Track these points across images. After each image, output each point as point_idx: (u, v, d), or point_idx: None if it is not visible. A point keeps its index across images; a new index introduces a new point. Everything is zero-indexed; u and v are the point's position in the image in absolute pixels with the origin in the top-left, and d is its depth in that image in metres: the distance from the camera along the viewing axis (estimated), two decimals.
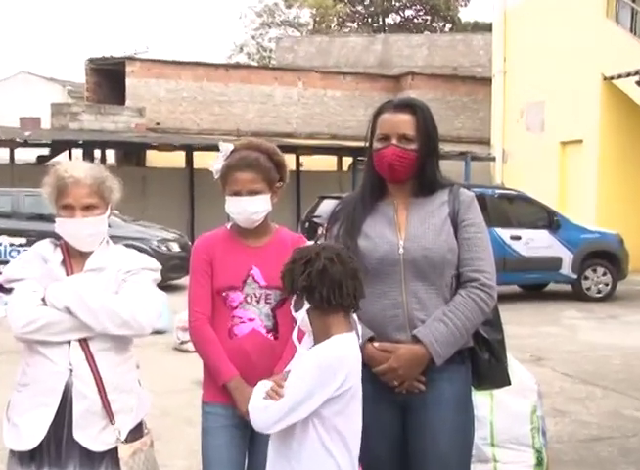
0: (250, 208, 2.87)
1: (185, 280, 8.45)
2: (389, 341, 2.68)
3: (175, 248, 13.71)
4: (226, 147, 2.98)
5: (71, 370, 2.68)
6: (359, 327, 2.49)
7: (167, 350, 8.70)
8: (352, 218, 2.83)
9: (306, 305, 2.43)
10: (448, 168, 3.61)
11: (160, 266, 2.95)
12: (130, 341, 2.86)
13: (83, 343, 2.70)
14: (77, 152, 20.83)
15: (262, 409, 2.39)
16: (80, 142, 18.80)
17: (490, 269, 2.74)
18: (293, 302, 2.48)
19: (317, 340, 2.44)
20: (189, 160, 20.70)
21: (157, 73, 22.85)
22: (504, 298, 11.77)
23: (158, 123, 22.81)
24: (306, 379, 2.35)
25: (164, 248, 13.52)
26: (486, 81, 23.71)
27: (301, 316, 2.44)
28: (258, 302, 2.91)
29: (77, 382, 2.67)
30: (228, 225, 3.05)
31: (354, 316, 2.49)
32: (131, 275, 2.81)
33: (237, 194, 2.88)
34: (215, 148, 3.14)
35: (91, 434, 2.69)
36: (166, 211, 19.37)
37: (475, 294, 2.69)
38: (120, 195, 2.89)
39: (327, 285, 2.38)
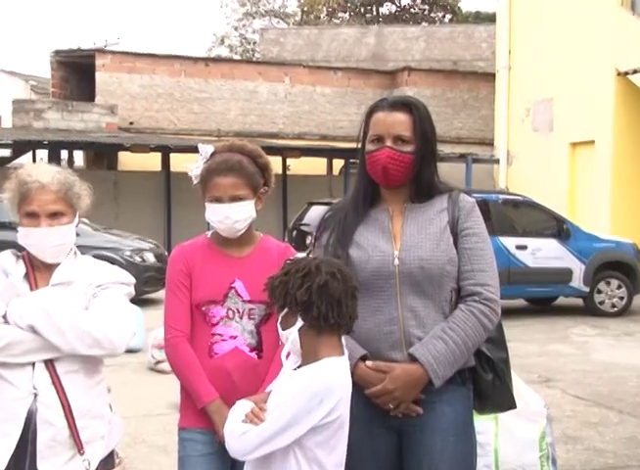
0: (232, 215, 2.88)
1: (161, 294, 8.43)
2: (384, 360, 2.69)
3: (150, 258, 13.69)
4: (206, 149, 2.99)
5: (36, 395, 2.65)
6: (345, 350, 2.50)
7: (141, 370, 8.68)
8: (343, 227, 2.84)
9: (299, 323, 2.43)
10: (447, 172, 3.62)
11: (133, 280, 2.94)
12: (101, 362, 2.85)
13: (49, 364, 2.68)
14: (42, 153, 20.77)
15: (240, 434, 2.39)
16: (45, 142, 18.74)
17: (493, 282, 2.76)
18: (281, 317, 2.48)
19: (305, 361, 2.44)
20: (165, 162, 20.67)
21: (130, 68, 22.85)
22: (509, 313, 11.82)
23: (131, 122, 22.79)
24: (291, 405, 2.34)
25: (138, 258, 13.49)
26: (489, 77, 23.80)
27: (293, 334, 2.43)
28: (241, 317, 2.91)
29: (42, 408, 2.64)
30: (208, 234, 3.06)
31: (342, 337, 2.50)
32: (102, 289, 2.79)
33: (218, 200, 2.89)
34: (194, 150, 3.14)
35: (57, 465, 2.66)
36: (140, 218, 19.33)
37: (476, 309, 2.70)
38: (90, 201, 2.88)
39: (326, 302, 2.38)
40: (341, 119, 24.63)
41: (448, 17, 42.26)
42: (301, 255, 2.67)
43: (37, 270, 2.81)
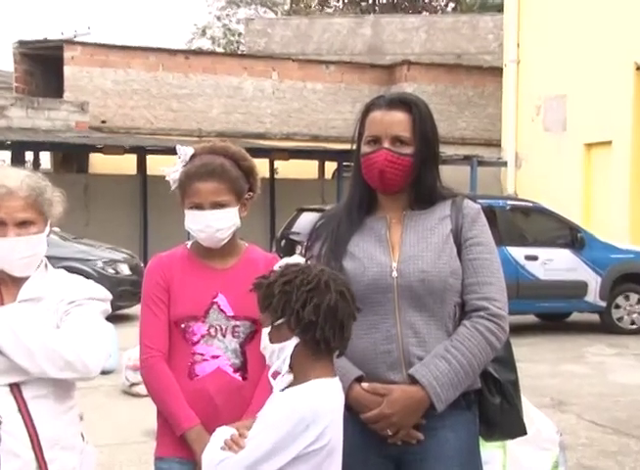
0: (214, 223, 2.89)
1: (136, 309, 8.40)
2: (381, 381, 2.69)
3: (125, 271, 13.69)
4: (185, 151, 3.00)
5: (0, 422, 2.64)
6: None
7: (114, 394, 8.65)
8: (337, 236, 2.85)
9: (294, 340, 2.41)
10: (450, 176, 3.62)
11: (109, 296, 2.93)
12: (73, 386, 2.84)
13: (15, 389, 2.67)
14: (4, 155, 20.72)
15: (218, 462, 2.39)
16: (8, 143, 18.69)
17: (500, 296, 2.77)
18: (273, 328, 2.45)
19: (294, 381, 2.44)
20: (141, 165, 20.66)
21: (102, 61, 22.84)
22: (518, 330, 11.82)
23: (103, 121, 22.78)
24: (273, 431, 2.33)
25: (111, 271, 13.49)
26: (496, 72, 23.87)
27: (287, 352, 2.42)
28: (224, 335, 2.92)
29: (7, 437, 2.63)
30: (188, 244, 3.07)
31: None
32: (75, 306, 2.78)
33: (198, 207, 2.90)
34: (172, 151, 3.15)
35: None
36: (114, 226, 19.30)
37: (482, 325, 2.71)
38: (63, 209, 2.87)
39: (331, 324, 2.37)
40: (333, 118, 24.67)
41: (451, 5, 42.38)
42: (296, 259, 2.63)
43: (3, 284, 2.80)
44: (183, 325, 2.91)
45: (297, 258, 2.60)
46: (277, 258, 3.09)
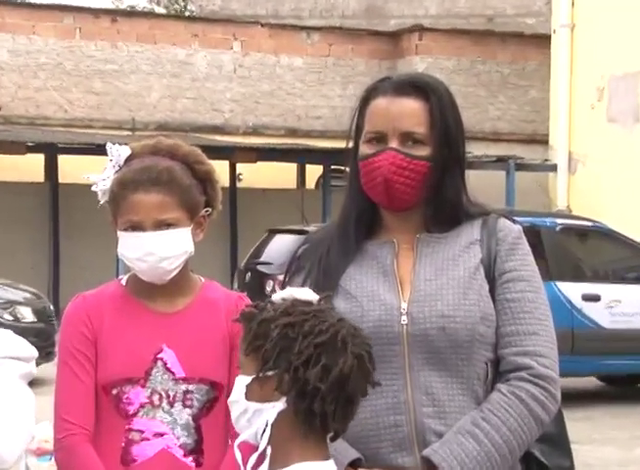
0: (158, 250, 2.91)
1: (45, 370, 8.40)
2: (386, 466, 2.71)
3: (27, 316, 13.63)
4: (119, 151, 3.01)
5: None
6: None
7: None
8: (325, 266, 2.86)
9: (281, 404, 2.35)
10: (479, 184, 3.65)
11: (35, 353, 2.92)
12: None
13: None
14: None
15: None
16: None
17: (549, 351, 2.78)
18: (253, 381, 2.36)
19: (271, 464, 2.42)
20: (51, 169, 20.64)
21: None
22: (573, 398, 11.82)
23: None
24: None
25: (8, 316, 13.43)
26: (542, 41, 23.94)
27: (267, 418, 2.35)
28: (172, 404, 2.93)
29: None
30: (123, 279, 3.08)
31: None
32: None
33: (137, 228, 2.92)
34: (98, 151, 3.19)
35: None
36: (12, 253, 19.24)
37: (524, 391, 2.72)
38: None
39: (336, 396, 2.32)
40: (317, 105, 24.70)
41: None
42: (308, 294, 2.47)
43: None
44: (115, 391, 2.92)
45: (308, 294, 2.46)
46: (244, 297, 3.09)
